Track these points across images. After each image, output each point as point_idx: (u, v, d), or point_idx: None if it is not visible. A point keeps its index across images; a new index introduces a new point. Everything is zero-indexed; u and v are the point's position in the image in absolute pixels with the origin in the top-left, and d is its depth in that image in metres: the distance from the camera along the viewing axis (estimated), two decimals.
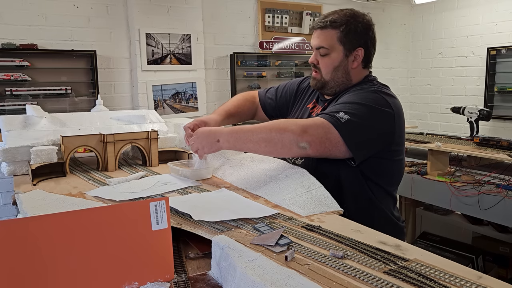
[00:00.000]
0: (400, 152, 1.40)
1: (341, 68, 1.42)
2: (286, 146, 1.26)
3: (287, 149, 1.27)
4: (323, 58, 1.44)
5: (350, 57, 1.42)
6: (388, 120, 1.32)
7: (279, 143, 1.26)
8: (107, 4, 3.53)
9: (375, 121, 1.30)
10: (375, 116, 1.30)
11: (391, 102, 1.34)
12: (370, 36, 1.43)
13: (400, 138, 1.38)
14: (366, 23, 1.42)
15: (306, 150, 1.26)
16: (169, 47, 3.67)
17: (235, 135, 1.34)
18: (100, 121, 1.89)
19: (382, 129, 1.32)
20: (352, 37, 1.39)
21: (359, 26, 1.40)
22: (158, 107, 3.67)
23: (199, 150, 1.42)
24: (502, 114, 4.18)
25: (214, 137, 1.36)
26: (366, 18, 1.43)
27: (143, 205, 0.81)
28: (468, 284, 0.71)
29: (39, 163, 1.57)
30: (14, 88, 3.14)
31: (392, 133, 1.34)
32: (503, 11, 4.21)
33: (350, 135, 1.25)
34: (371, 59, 1.47)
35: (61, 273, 0.74)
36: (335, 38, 1.40)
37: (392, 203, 1.46)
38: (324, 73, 1.45)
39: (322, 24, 1.41)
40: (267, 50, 4.21)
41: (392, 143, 1.36)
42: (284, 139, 1.25)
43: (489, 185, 2.22)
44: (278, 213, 1.10)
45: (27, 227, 0.72)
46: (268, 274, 0.72)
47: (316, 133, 1.24)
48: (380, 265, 0.79)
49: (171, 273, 0.83)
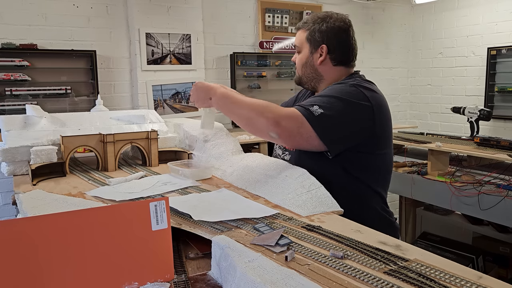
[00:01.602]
0: (382, 146, 1.41)
1: (308, 65, 1.52)
2: (259, 130, 1.35)
3: (260, 133, 1.37)
4: (298, 56, 1.56)
5: (315, 54, 1.49)
6: (365, 114, 1.34)
7: (254, 126, 1.35)
8: (107, 4, 3.52)
9: (351, 115, 1.32)
10: (350, 110, 1.32)
11: (369, 96, 1.36)
12: (339, 35, 1.48)
13: (383, 132, 1.39)
14: (336, 24, 1.47)
15: (276, 139, 1.33)
16: (169, 47, 3.67)
17: (224, 100, 1.42)
18: (100, 121, 1.89)
19: (359, 122, 1.34)
20: (317, 35, 1.48)
21: (325, 26, 1.47)
22: (158, 107, 3.67)
23: (195, 102, 1.53)
24: (503, 114, 4.17)
25: (208, 94, 1.46)
26: (338, 19, 1.49)
27: (143, 205, 0.81)
28: (468, 284, 0.71)
29: (39, 163, 1.57)
30: (14, 88, 3.14)
31: (371, 126, 1.35)
32: (503, 11, 4.20)
33: (324, 129, 1.29)
34: (343, 58, 1.50)
35: (61, 273, 0.74)
36: (304, 37, 1.51)
37: (381, 200, 1.46)
38: (297, 69, 1.57)
39: (299, 25, 1.55)
40: (267, 50, 4.21)
41: (373, 137, 1.37)
42: (259, 124, 1.32)
43: (489, 185, 2.21)
44: (278, 213, 1.10)
45: (27, 227, 0.72)
46: (268, 274, 0.72)
47: (288, 126, 1.29)
48: (380, 265, 0.79)
49: (171, 273, 0.83)
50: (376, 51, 4.94)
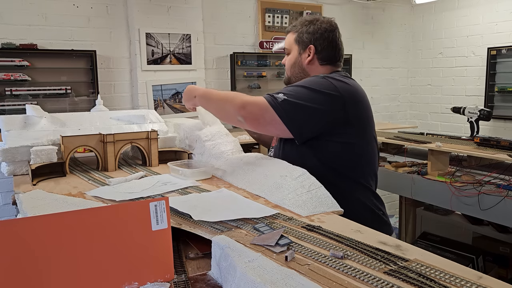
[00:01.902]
0: (360, 135, 1.45)
1: (297, 65, 1.59)
2: (229, 115, 1.46)
3: (230, 119, 1.48)
4: (287, 58, 1.64)
5: (304, 54, 1.57)
6: (333, 102, 1.38)
7: (225, 112, 1.47)
8: (107, 4, 3.52)
9: (316, 102, 1.37)
10: (315, 97, 1.37)
11: (338, 86, 1.40)
12: (326, 36, 1.54)
13: (359, 122, 1.43)
14: (323, 25, 1.55)
15: (243, 124, 1.42)
16: (169, 47, 3.67)
17: (204, 96, 1.56)
18: (100, 121, 1.89)
19: (326, 111, 1.38)
20: (305, 36, 1.56)
21: (312, 28, 1.55)
22: (158, 107, 3.67)
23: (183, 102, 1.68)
24: (503, 114, 4.18)
25: (193, 94, 1.59)
26: (325, 21, 1.57)
27: (143, 205, 0.81)
28: (468, 284, 0.71)
29: (39, 163, 1.57)
30: (14, 88, 3.14)
31: (342, 116, 1.39)
32: (503, 11, 4.20)
33: (286, 113, 1.35)
34: (330, 57, 1.56)
35: (61, 273, 0.74)
36: (293, 39, 1.59)
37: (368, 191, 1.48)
38: (287, 70, 1.65)
39: (289, 29, 1.63)
40: (267, 50, 4.21)
41: (346, 126, 1.40)
42: (228, 109, 1.43)
43: (490, 185, 2.21)
44: (278, 213, 1.10)
45: (27, 227, 0.72)
46: (268, 274, 0.72)
47: (252, 111, 1.38)
48: (380, 265, 0.79)
49: (171, 273, 0.83)
50: (376, 51, 4.94)
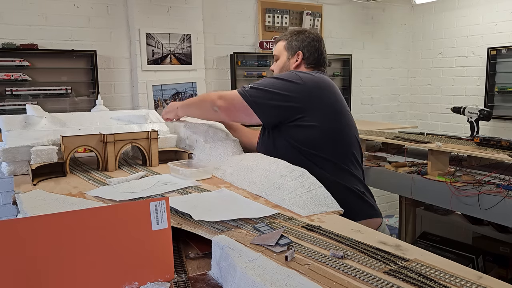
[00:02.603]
0: (329, 120, 1.56)
1: (285, 69, 1.78)
2: (207, 110, 1.71)
3: (207, 112, 1.73)
4: (275, 63, 1.83)
5: (292, 59, 1.77)
6: (296, 90, 1.55)
7: (204, 108, 1.74)
8: (107, 4, 3.52)
9: (278, 88, 1.55)
10: (278, 84, 1.57)
11: (302, 76, 1.58)
12: (313, 45, 1.75)
13: (324, 106, 1.56)
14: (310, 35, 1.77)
15: (218, 114, 1.67)
16: (169, 47, 3.67)
17: (186, 103, 1.87)
18: (100, 121, 1.89)
19: (287, 94, 1.54)
20: (294, 43, 1.77)
21: (301, 36, 1.77)
22: (158, 107, 3.67)
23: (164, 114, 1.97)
24: (503, 114, 4.18)
25: (175, 106, 1.92)
26: (312, 32, 1.79)
27: (143, 205, 0.81)
28: (468, 284, 0.71)
29: (39, 163, 1.57)
30: (14, 88, 3.14)
31: (304, 100, 1.54)
32: (503, 11, 4.20)
33: (252, 98, 1.56)
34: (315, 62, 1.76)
35: (61, 273, 0.74)
36: (282, 46, 1.80)
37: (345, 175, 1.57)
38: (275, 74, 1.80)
39: (279, 38, 1.84)
40: (267, 50, 4.21)
41: (310, 110, 1.54)
42: (206, 105, 1.71)
43: (490, 185, 2.21)
44: (278, 213, 1.10)
45: (27, 227, 0.72)
46: (268, 274, 0.72)
47: (226, 100, 1.63)
48: (380, 265, 0.79)
49: (171, 273, 0.83)
50: (376, 51, 4.94)
